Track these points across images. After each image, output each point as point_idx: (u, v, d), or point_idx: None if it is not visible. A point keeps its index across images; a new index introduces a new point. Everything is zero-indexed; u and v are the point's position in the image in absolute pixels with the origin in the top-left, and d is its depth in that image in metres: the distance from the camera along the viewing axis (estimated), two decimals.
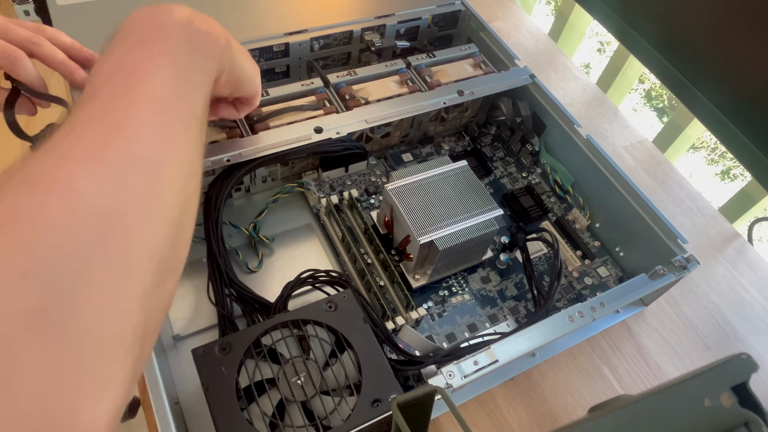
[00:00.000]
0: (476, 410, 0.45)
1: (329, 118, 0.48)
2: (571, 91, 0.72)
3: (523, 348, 0.39)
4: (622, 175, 0.50)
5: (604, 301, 0.42)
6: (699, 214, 0.62)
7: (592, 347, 0.50)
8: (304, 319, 0.38)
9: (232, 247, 0.49)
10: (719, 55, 0.59)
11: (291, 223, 0.52)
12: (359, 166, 0.56)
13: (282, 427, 0.34)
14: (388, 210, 0.48)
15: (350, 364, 0.37)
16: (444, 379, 0.37)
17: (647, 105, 2.01)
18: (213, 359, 0.35)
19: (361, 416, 0.34)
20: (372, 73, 0.54)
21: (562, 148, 0.56)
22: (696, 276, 0.56)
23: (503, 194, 0.57)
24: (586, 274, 0.53)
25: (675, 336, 0.52)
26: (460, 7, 0.62)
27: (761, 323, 0.54)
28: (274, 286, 0.44)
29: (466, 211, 0.46)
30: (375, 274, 0.48)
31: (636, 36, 0.68)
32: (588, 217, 0.55)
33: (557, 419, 0.45)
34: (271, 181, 0.53)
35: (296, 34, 0.55)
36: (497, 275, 0.51)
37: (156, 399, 0.34)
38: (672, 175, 0.65)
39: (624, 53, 0.79)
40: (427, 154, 0.60)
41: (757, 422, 0.26)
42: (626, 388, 0.48)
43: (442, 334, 0.47)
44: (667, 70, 0.65)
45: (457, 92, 0.52)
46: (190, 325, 0.45)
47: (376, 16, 0.59)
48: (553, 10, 1.95)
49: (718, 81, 0.61)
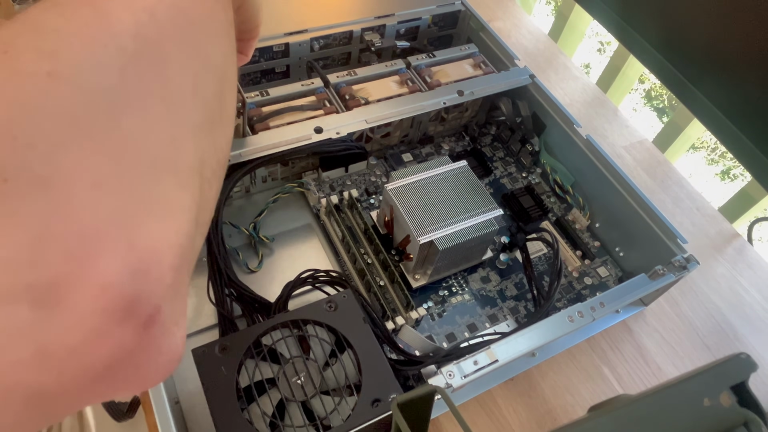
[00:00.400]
0: (476, 410, 0.45)
1: (329, 118, 0.48)
2: (570, 91, 0.72)
3: (523, 348, 0.39)
4: (621, 175, 0.50)
5: (603, 301, 0.42)
6: (699, 214, 0.62)
7: (591, 347, 0.50)
8: (304, 319, 0.38)
9: (232, 247, 0.49)
10: (719, 54, 0.59)
11: (291, 223, 0.52)
12: (359, 166, 0.56)
13: (282, 427, 0.34)
14: (388, 210, 0.48)
15: (350, 364, 0.37)
16: (444, 379, 0.37)
17: (647, 105, 2.01)
18: (213, 359, 0.35)
19: (361, 416, 0.34)
20: (372, 73, 0.54)
21: (562, 148, 0.56)
22: (696, 276, 0.56)
23: (503, 194, 0.57)
24: (586, 274, 0.53)
25: (675, 336, 0.52)
26: (460, 7, 0.62)
27: (761, 323, 0.54)
28: (274, 286, 0.44)
29: (466, 211, 0.46)
30: (375, 274, 0.48)
31: (636, 36, 0.68)
32: (588, 217, 0.55)
33: (557, 419, 0.45)
34: (271, 181, 0.53)
35: (296, 34, 0.55)
36: (497, 275, 0.51)
37: (156, 399, 0.34)
38: (672, 175, 0.65)
39: (624, 53, 0.79)
40: (427, 154, 0.60)
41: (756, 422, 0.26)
42: (626, 388, 0.48)
43: (442, 334, 0.47)
44: (667, 70, 0.65)
45: (457, 92, 0.52)
46: (191, 325, 0.45)
47: (376, 16, 0.59)
48: (553, 10, 1.95)
49: (718, 81, 0.61)
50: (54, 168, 0.14)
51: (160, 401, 0.34)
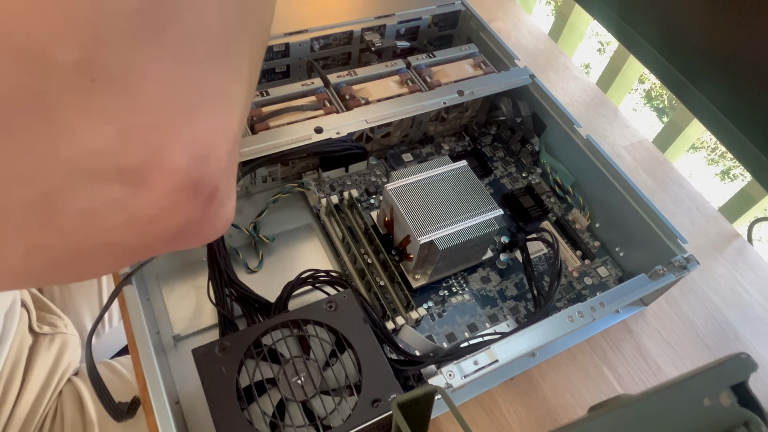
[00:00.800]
0: (476, 410, 0.45)
1: (329, 118, 0.48)
2: (571, 91, 0.72)
3: (523, 348, 0.39)
4: (622, 175, 0.50)
5: (604, 301, 0.42)
6: (699, 214, 0.62)
7: (591, 347, 0.50)
8: (305, 319, 0.38)
9: (232, 247, 0.49)
10: (719, 55, 0.59)
11: (291, 223, 0.52)
12: (359, 166, 0.56)
13: (282, 426, 0.34)
14: (388, 210, 0.48)
15: (350, 364, 0.37)
16: (444, 379, 0.37)
17: (647, 105, 2.01)
18: (213, 359, 0.35)
19: (361, 416, 0.34)
20: (372, 73, 0.54)
21: (562, 148, 0.56)
22: (696, 276, 0.56)
23: (503, 194, 0.57)
24: (586, 274, 0.53)
25: (675, 336, 0.52)
26: (460, 8, 0.62)
27: (761, 323, 0.54)
28: (274, 286, 0.44)
29: (466, 211, 0.46)
30: (375, 274, 0.48)
31: (636, 36, 0.68)
32: (588, 217, 0.55)
33: (557, 419, 0.45)
34: (271, 181, 0.53)
35: (296, 34, 0.55)
36: (497, 275, 0.51)
37: (156, 399, 0.34)
38: (672, 175, 0.65)
39: (624, 53, 0.79)
40: (427, 154, 0.60)
41: (756, 422, 0.26)
42: (626, 388, 0.48)
43: (442, 334, 0.47)
44: (667, 70, 0.65)
45: (457, 92, 0.52)
46: (191, 325, 0.45)
47: (376, 16, 0.59)
48: (553, 10, 1.95)
49: (718, 81, 0.61)
50: (129, 66, 0.16)
51: (161, 401, 0.34)
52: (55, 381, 0.58)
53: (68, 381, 0.60)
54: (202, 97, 0.18)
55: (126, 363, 0.65)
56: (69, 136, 0.16)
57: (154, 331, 0.42)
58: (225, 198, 0.21)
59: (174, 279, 0.47)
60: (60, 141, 0.15)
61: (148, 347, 0.37)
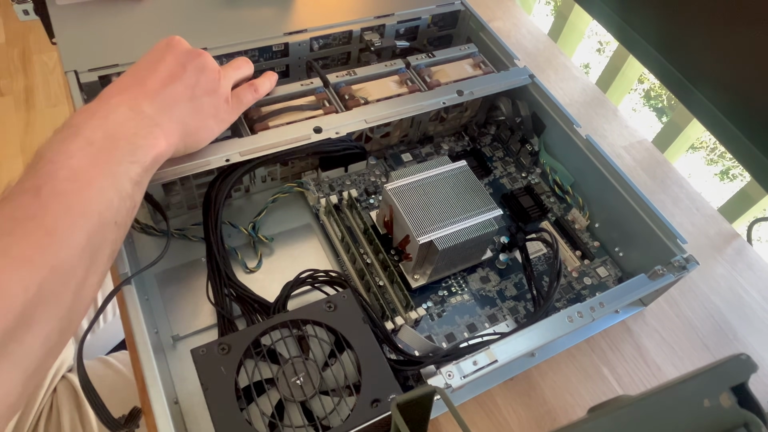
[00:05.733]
0: (476, 410, 0.45)
1: (329, 118, 0.48)
2: (570, 91, 0.72)
3: (522, 348, 0.39)
4: (621, 175, 0.50)
5: (603, 302, 0.42)
6: (698, 214, 0.62)
7: (591, 347, 0.50)
8: (304, 319, 0.38)
9: (231, 247, 0.49)
10: (719, 55, 0.59)
11: (290, 223, 0.52)
12: (359, 166, 0.56)
13: (281, 427, 0.34)
14: (387, 210, 0.48)
15: (350, 364, 0.37)
16: (443, 379, 0.37)
17: (647, 105, 2.01)
18: (212, 359, 0.35)
19: (360, 416, 0.34)
20: (371, 73, 0.54)
21: (562, 148, 0.56)
22: (695, 276, 0.56)
23: (503, 194, 0.57)
24: (586, 274, 0.53)
25: (674, 336, 0.52)
26: (460, 7, 0.62)
27: (760, 323, 0.54)
28: (274, 286, 0.44)
29: (466, 211, 0.46)
30: (374, 274, 0.48)
31: (635, 36, 0.68)
32: (587, 217, 0.55)
33: (556, 419, 0.45)
34: (270, 181, 0.53)
35: (296, 33, 0.55)
36: (497, 275, 0.51)
37: (155, 399, 0.34)
38: (671, 175, 0.65)
39: (623, 53, 0.79)
40: (427, 154, 0.60)
41: (757, 423, 0.26)
42: (626, 388, 0.48)
43: (441, 334, 0.47)
44: (667, 70, 0.65)
45: (456, 92, 0.52)
46: (190, 325, 0.45)
47: (375, 16, 0.59)
48: (553, 10, 1.95)
49: (718, 81, 0.61)
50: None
51: (160, 401, 0.34)
52: (49, 378, 0.58)
53: (63, 378, 0.60)
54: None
55: (122, 358, 0.65)
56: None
57: (153, 331, 0.42)
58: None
59: (173, 279, 0.47)
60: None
61: (147, 347, 0.36)
